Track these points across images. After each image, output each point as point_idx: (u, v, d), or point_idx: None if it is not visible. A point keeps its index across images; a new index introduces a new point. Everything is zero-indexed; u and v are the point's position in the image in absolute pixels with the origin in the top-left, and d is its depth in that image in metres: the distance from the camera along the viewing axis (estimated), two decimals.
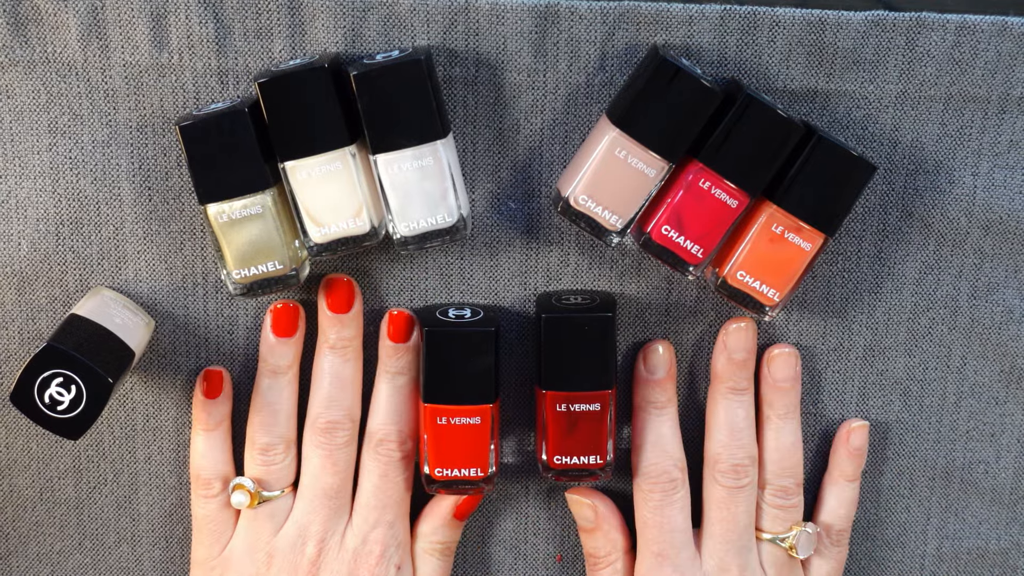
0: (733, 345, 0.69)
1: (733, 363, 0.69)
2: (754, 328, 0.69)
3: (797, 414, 0.70)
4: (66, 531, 0.72)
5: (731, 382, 0.69)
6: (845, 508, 0.71)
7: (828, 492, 0.72)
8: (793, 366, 0.70)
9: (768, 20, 0.66)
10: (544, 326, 0.66)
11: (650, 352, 0.70)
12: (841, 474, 0.71)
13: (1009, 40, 0.66)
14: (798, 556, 0.70)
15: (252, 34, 0.65)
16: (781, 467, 0.70)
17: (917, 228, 0.70)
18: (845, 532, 0.72)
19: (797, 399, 0.70)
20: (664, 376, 0.69)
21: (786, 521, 0.70)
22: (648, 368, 0.69)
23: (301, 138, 0.62)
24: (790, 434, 0.70)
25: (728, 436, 0.69)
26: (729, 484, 0.69)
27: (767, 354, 0.70)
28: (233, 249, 0.64)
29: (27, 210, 0.67)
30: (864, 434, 0.71)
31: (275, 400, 0.69)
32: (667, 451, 0.69)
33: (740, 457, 0.69)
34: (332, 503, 0.69)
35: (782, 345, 0.70)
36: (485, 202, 0.69)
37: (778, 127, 0.63)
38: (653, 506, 0.69)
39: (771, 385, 0.70)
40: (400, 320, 0.69)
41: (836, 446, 0.72)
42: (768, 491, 0.70)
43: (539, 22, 0.65)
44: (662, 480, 0.68)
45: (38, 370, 0.61)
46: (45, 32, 0.65)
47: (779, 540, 0.70)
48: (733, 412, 0.69)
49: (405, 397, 0.69)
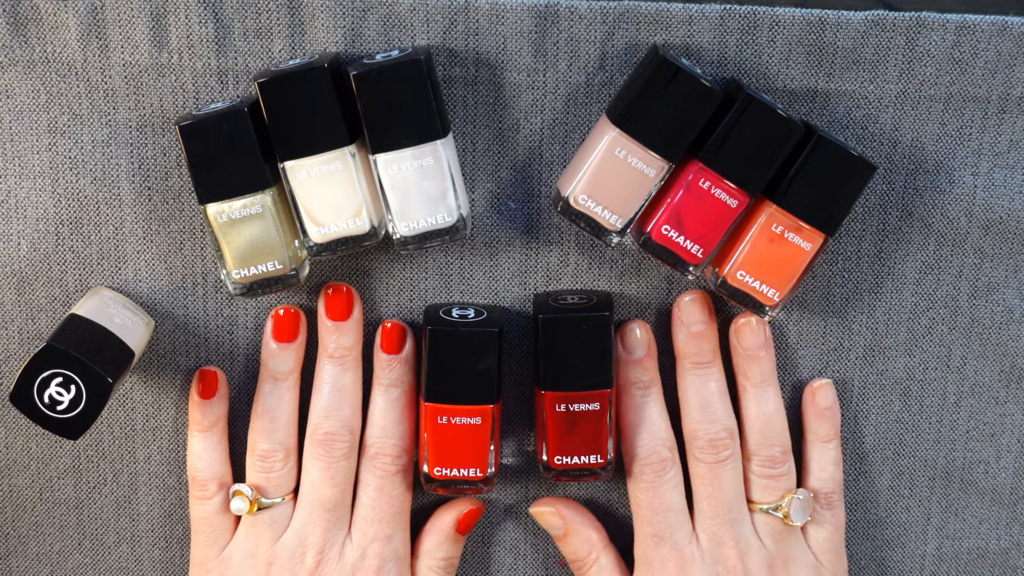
0: (688, 318, 0.69)
1: (692, 336, 0.69)
2: (707, 298, 0.69)
3: (774, 380, 0.70)
4: (66, 531, 0.72)
5: (694, 356, 0.69)
6: (827, 470, 0.71)
7: (809, 457, 0.71)
8: (761, 332, 0.69)
9: (768, 20, 0.66)
10: (541, 326, 0.66)
11: (627, 333, 0.69)
12: (816, 436, 0.71)
13: (1009, 40, 0.66)
14: (793, 523, 0.69)
15: (252, 34, 0.65)
16: (765, 436, 0.69)
17: (917, 228, 0.69)
18: (835, 494, 0.71)
19: (771, 365, 0.70)
20: (644, 354, 0.69)
21: (777, 490, 0.69)
22: (627, 348, 0.69)
23: (301, 138, 0.62)
24: (769, 401, 0.69)
25: (700, 411, 0.69)
26: (709, 460, 0.68)
27: (733, 325, 0.70)
28: (233, 249, 0.64)
29: (27, 210, 0.67)
30: (828, 391, 0.71)
31: (275, 406, 0.69)
32: (654, 431, 0.69)
33: (716, 431, 0.68)
34: (331, 515, 0.68)
35: (747, 313, 0.70)
36: (485, 202, 0.69)
37: (778, 127, 0.63)
38: (645, 487, 0.68)
39: (742, 355, 0.69)
40: (393, 332, 0.68)
41: (805, 408, 0.71)
42: (755, 462, 0.69)
43: (539, 22, 0.65)
44: (652, 460, 0.68)
45: (38, 370, 0.61)
46: (45, 32, 0.65)
47: (772, 510, 0.69)
48: (702, 386, 0.69)
49: (400, 409, 0.69)
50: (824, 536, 0.71)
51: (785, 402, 0.71)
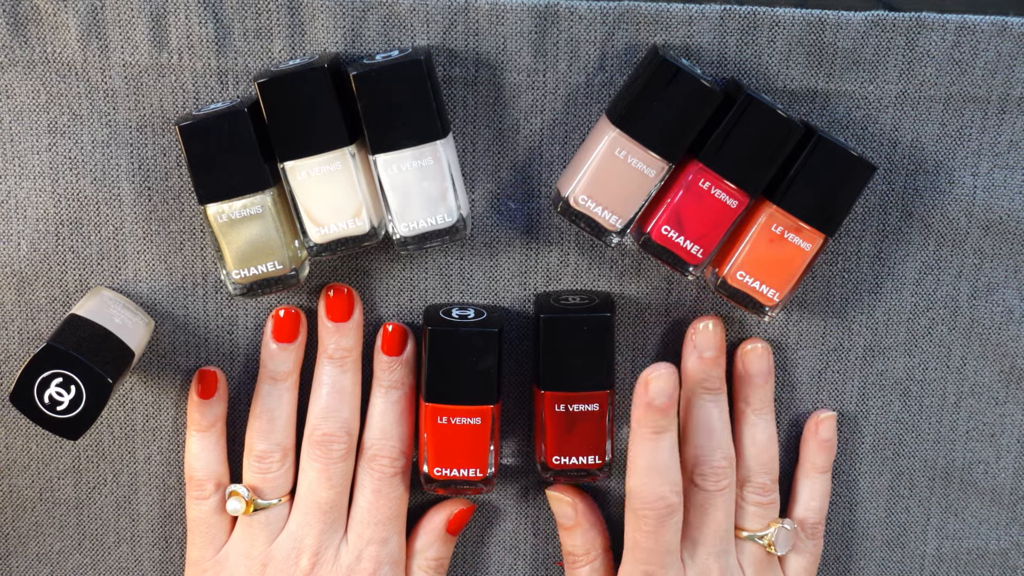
0: (702, 344, 0.68)
1: (704, 362, 0.68)
2: (722, 326, 0.69)
3: (772, 409, 0.70)
4: (66, 531, 0.72)
5: (705, 382, 0.68)
6: (818, 501, 0.71)
7: (801, 485, 0.71)
8: (767, 359, 0.69)
9: (768, 20, 0.66)
10: (543, 326, 0.66)
11: (653, 379, 0.65)
12: (812, 466, 0.71)
13: (1009, 40, 0.66)
14: (776, 553, 0.69)
15: (252, 34, 0.65)
16: (760, 463, 0.69)
17: (917, 228, 0.69)
18: (820, 525, 0.71)
19: (772, 393, 0.70)
20: (666, 402, 0.65)
21: (765, 518, 0.69)
22: (651, 394, 0.65)
23: (301, 138, 0.62)
24: (766, 429, 0.69)
25: (706, 438, 0.68)
26: (710, 488, 0.68)
27: (740, 349, 0.70)
28: (233, 249, 0.64)
29: (27, 210, 0.67)
30: (832, 425, 0.71)
31: (274, 407, 0.69)
32: (665, 477, 0.66)
33: (718, 459, 0.68)
34: (327, 517, 0.68)
35: (754, 340, 0.70)
36: (485, 202, 0.69)
37: (778, 127, 0.63)
38: (647, 530, 0.66)
39: (746, 380, 0.69)
40: (394, 333, 0.68)
41: (806, 438, 0.71)
42: (748, 488, 0.69)
43: (539, 22, 0.65)
44: (658, 506, 0.66)
45: (38, 370, 0.61)
46: (45, 32, 0.65)
47: (758, 538, 0.69)
48: (708, 412, 0.68)
49: (400, 412, 0.69)
50: (803, 565, 0.71)
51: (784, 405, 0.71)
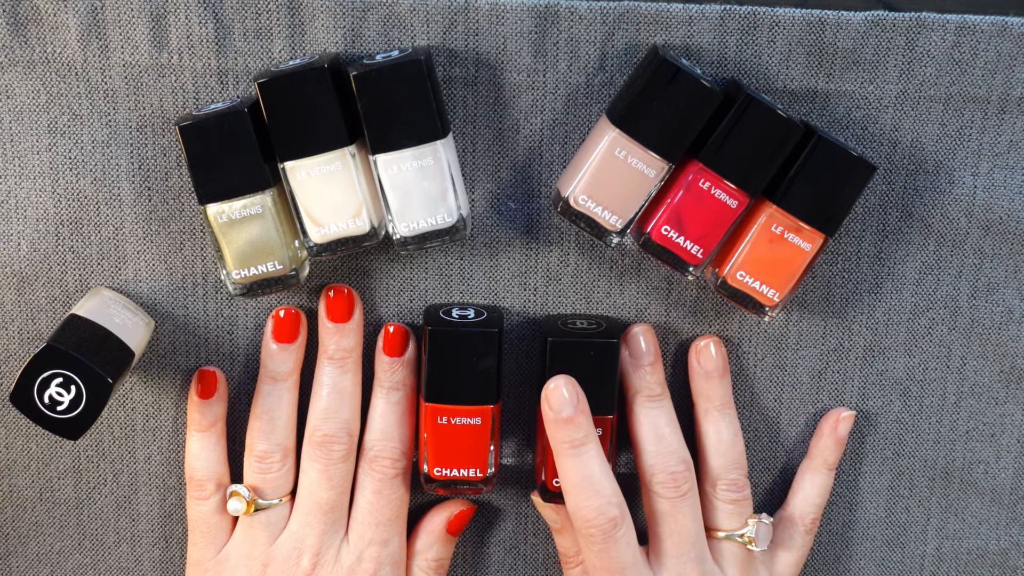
0: (635, 352, 0.68)
1: (640, 370, 0.68)
2: (653, 332, 0.69)
3: (732, 403, 0.69)
4: (66, 531, 0.72)
5: (646, 390, 0.68)
6: (821, 497, 0.71)
7: (806, 479, 0.71)
8: (722, 354, 0.69)
9: (768, 20, 0.66)
10: (550, 349, 0.66)
11: (551, 392, 0.65)
12: (824, 462, 0.71)
13: (1009, 40, 0.66)
14: (756, 549, 0.68)
15: (252, 34, 0.65)
16: (729, 459, 0.69)
17: (917, 228, 0.69)
18: (817, 521, 0.71)
19: (730, 387, 0.69)
20: (572, 412, 0.65)
21: (741, 515, 0.69)
22: (554, 408, 0.65)
23: (301, 138, 0.62)
24: (731, 424, 0.69)
25: (656, 445, 0.67)
26: (671, 495, 0.67)
27: (693, 347, 0.69)
28: (233, 249, 0.64)
29: (27, 210, 0.67)
30: (850, 424, 0.71)
31: (274, 407, 0.69)
32: (598, 490, 0.65)
33: (673, 464, 0.67)
34: (328, 517, 0.68)
35: (707, 336, 0.70)
36: (485, 202, 0.69)
37: (778, 127, 0.63)
38: (598, 549, 0.65)
39: (704, 377, 0.69)
40: (396, 334, 0.68)
41: (822, 433, 0.71)
42: (720, 486, 0.68)
43: (539, 22, 0.65)
44: (599, 522, 0.65)
45: (38, 370, 0.61)
46: (45, 32, 0.65)
47: (737, 536, 0.68)
48: (655, 420, 0.68)
49: (401, 412, 0.69)
50: (793, 560, 0.70)
51: (784, 405, 0.71)
